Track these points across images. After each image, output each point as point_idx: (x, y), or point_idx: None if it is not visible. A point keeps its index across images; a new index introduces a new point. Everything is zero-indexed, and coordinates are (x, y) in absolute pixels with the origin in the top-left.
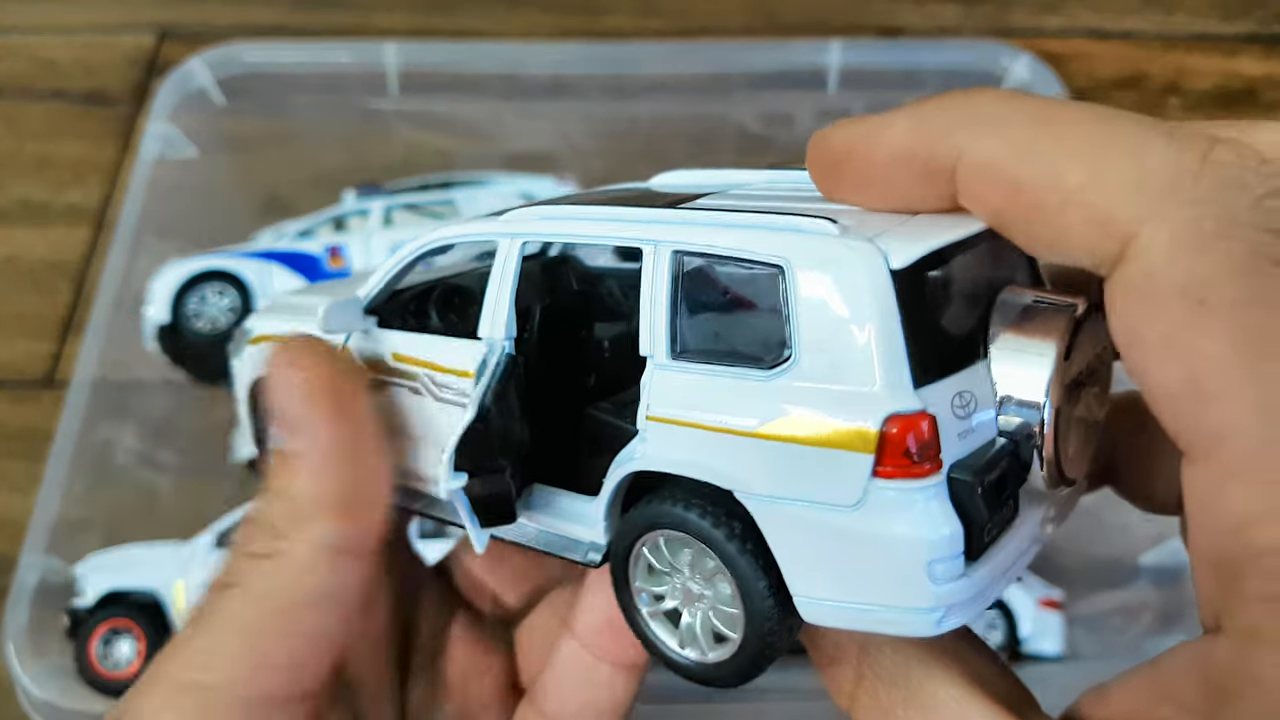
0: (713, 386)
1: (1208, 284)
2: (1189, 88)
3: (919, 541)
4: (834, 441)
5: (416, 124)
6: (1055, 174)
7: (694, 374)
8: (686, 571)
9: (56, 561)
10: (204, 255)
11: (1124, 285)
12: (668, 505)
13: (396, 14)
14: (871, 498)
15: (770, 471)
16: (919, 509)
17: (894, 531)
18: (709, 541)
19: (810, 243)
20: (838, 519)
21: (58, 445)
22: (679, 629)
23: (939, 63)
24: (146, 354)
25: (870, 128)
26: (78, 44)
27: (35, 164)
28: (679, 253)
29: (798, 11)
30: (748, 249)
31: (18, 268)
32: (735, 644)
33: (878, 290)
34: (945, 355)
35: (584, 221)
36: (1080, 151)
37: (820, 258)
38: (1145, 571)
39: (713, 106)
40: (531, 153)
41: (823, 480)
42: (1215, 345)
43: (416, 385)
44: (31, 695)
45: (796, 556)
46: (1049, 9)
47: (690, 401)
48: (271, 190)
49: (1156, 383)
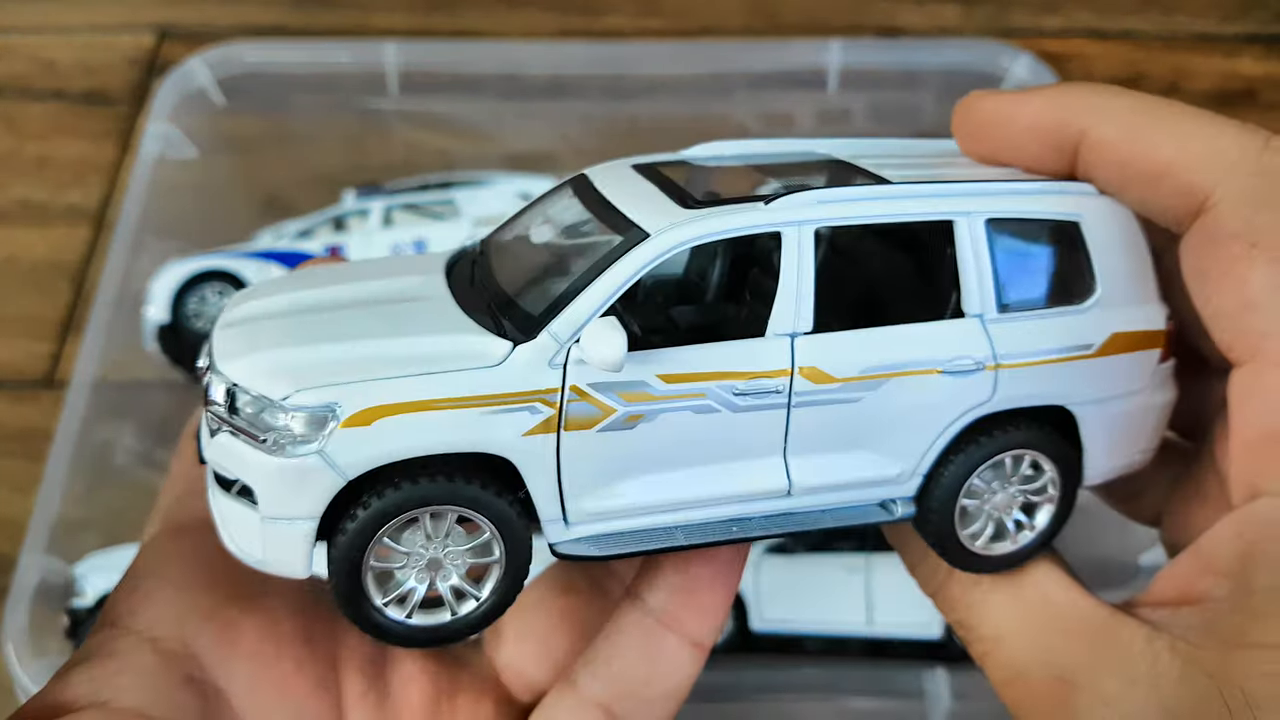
0: (1044, 328)
1: (1260, 232)
2: (1189, 88)
3: (1171, 401)
4: (1144, 343)
5: (416, 124)
6: (1153, 151)
7: (1025, 321)
8: (1004, 492)
9: (56, 561)
10: (204, 255)
11: (1198, 235)
12: (1009, 434)
13: (396, 14)
14: (1158, 379)
15: (1102, 380)
16: (1172, 380)
17: (1166, 398)
18: (1049, 449)
19: (1091, 201)
20: (1137, 400)
21: (57, 445)
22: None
23: (939, 63)
24: (146, 354)
25: (1011, 101)
26: (78, 44)
27: (35, 164)
28: (992, 220)
29: (798, 11)
30: (1049, 210)
31: (18, 268)
32: (1049, 514)
33: (1138, 232)
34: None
35: (876, 201)
36: (1173, 135)
37: (1103, 212)
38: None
39: (713, 106)
40: (531, 153)
41: (1135, 375)
42: (1262, 273)
43: (705, 402)
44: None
45: (1105, 437)
46: (1049, 9)
47: (1030, 345)
48: (271, 190)
49: (1216, 306)
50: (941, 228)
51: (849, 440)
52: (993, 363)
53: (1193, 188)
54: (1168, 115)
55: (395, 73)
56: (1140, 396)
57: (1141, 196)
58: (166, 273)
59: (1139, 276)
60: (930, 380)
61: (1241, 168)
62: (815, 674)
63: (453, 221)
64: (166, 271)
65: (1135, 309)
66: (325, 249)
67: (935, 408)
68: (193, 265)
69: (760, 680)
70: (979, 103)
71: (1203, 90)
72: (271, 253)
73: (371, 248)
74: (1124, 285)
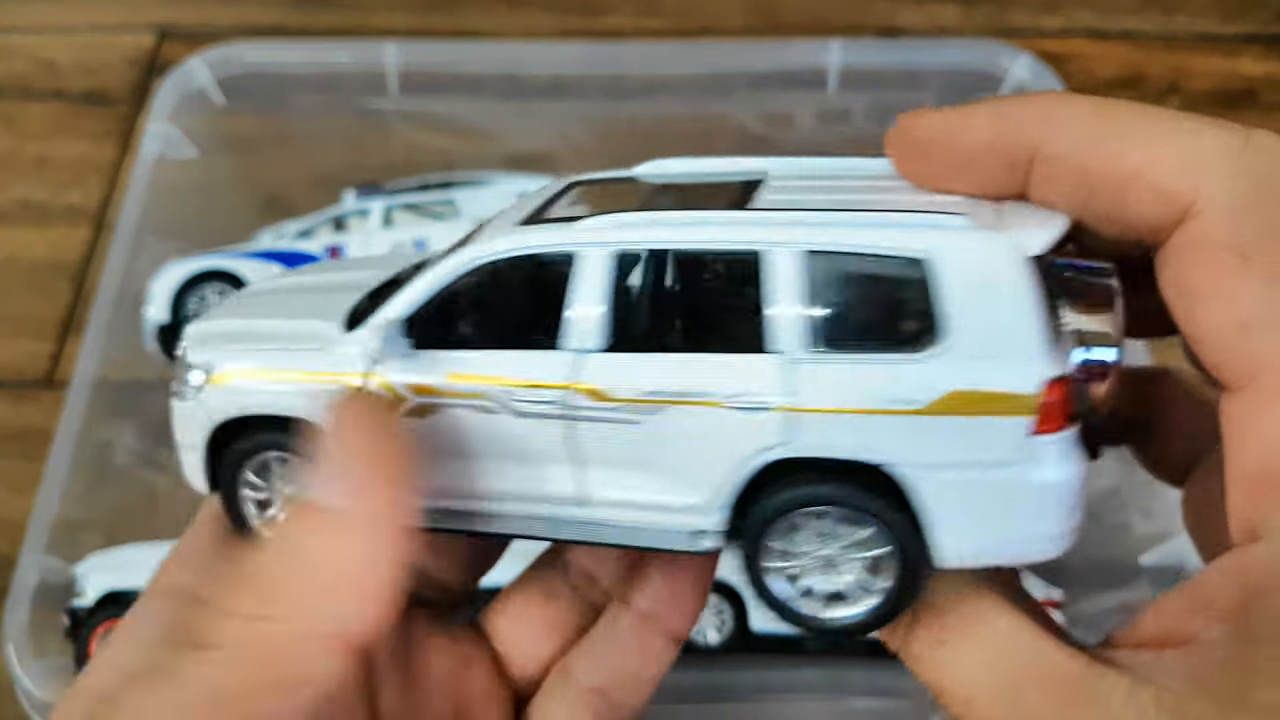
0: (862, 375)
1: (1252, 240)
2: (1189, 88)
3: (1066, 482)
4: (995, 407)
5: (416, 124)
6: (1120, 157)
7: (840, 365)
8: (818, 544)
9: (56, 561)
10: (204, 255)
11: (1180, 245)
12: (816, 487)
13: (396, 14)
14: (1029, 452)
15: (933, 443)
16: (1067, 456)
17: (1048, 476)
18: (868, 510)
19: (953, 238)
20: (995, 474)
21: (57, 445)
22: (829, 593)
23: (939, 63)
24: (146, 354)
25: (954, 118)
26: (78, 44)
27: (35, 164)
28: (814, 253)
29: (798, 11)
30: (889, 245)
31: (18, 268)
32: (882, 594)
33: (1020, 274)
34: (1052, 325)
35: (680, 228)
36: (1141, 138)
37: (972, 251)
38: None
39: (713, 106)
40: (531, 153)
41: (984, 443)
42: (1257, 289)
43: (488, 404)
44: (31, 695)
45: (949, 512)
46: (1049, 9)
47: (841, 390)
48: (271, 190)
49: (1205, 326)
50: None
51: (640, 461)
52: (786, 404)
53: (1170, 194)
54: (1133, 117)
55: (395, 73)
56: (1005, 471)
57: (1107, 209)
58: (166, 273)
59: (1012, 329)
60: (712, 413)
61: (1223, 168)
62: (815, 674)
63: (453, 221)
64: (166, 271)
65: (995, 366)
66: (325, 249)
67: (720, 442)
68: (193, 265)
69: (760, 680)
70: (917, 121)
71: (1203, 90)
72: (271, 253)
73: (371, 248)
74: (986, 337)
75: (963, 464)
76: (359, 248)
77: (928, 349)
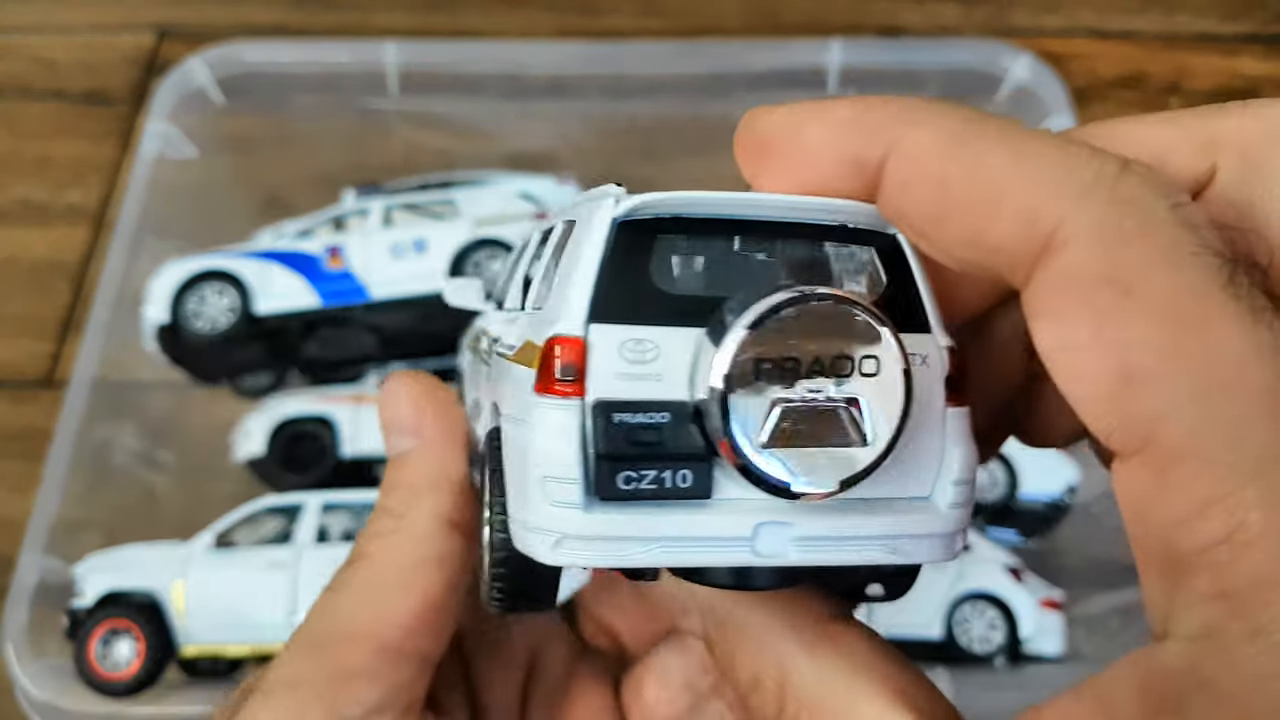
0: (509, 322)
1: (1133, 274)
2: (1190, 87)
3: (539, 451)
4: (521, 359)
5: (416, 124)
6: (983, 169)
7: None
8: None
9: (56, 562)
10: (203, 255)
11: (1048, 282)
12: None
13: (396, 13)
14: (531, 412)
15: (507, 391)
16: (548, 422)
17: (530, 441)
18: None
19: (588, 204)
20: (512, 430)
21: (57, 445)
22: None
23: (939, 62)
24: (146, 354)
25: (807, 110)
26: (77, 44)
27: (35, 164)
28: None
29: (798, 11)
30: (574, 214)
31: (17, 268)
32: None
33: (594, 237)
34: (650, 309)
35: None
36: (1009, 151)
37: (583, 213)
38: None
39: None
40: (531, 152)
41: (518, 396)
42: (1144, 331)
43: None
44: (31, 695)
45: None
46: (1049, 8)
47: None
48: (271, 190)
49: (1083, 383)
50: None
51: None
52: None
53: (1035, 215)
54: (1000, 130)
55: (395, 72)
56: (518, 429)
57: (965, 231)
58: (166, 272)
59: (562, 288)
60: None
61: (1097, 193)
62: None
63: (453, 221)
64: (166, 271)
65: (541, 319)
66: (325, 249)
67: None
68: (192, 265)
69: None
70: (761, 118)
71: (1204, 90)
72: (271, 253)
73: (371, 247)
74: (559, 294)
75: (513, 417)
76: (359, 247)
77: (542, 307)
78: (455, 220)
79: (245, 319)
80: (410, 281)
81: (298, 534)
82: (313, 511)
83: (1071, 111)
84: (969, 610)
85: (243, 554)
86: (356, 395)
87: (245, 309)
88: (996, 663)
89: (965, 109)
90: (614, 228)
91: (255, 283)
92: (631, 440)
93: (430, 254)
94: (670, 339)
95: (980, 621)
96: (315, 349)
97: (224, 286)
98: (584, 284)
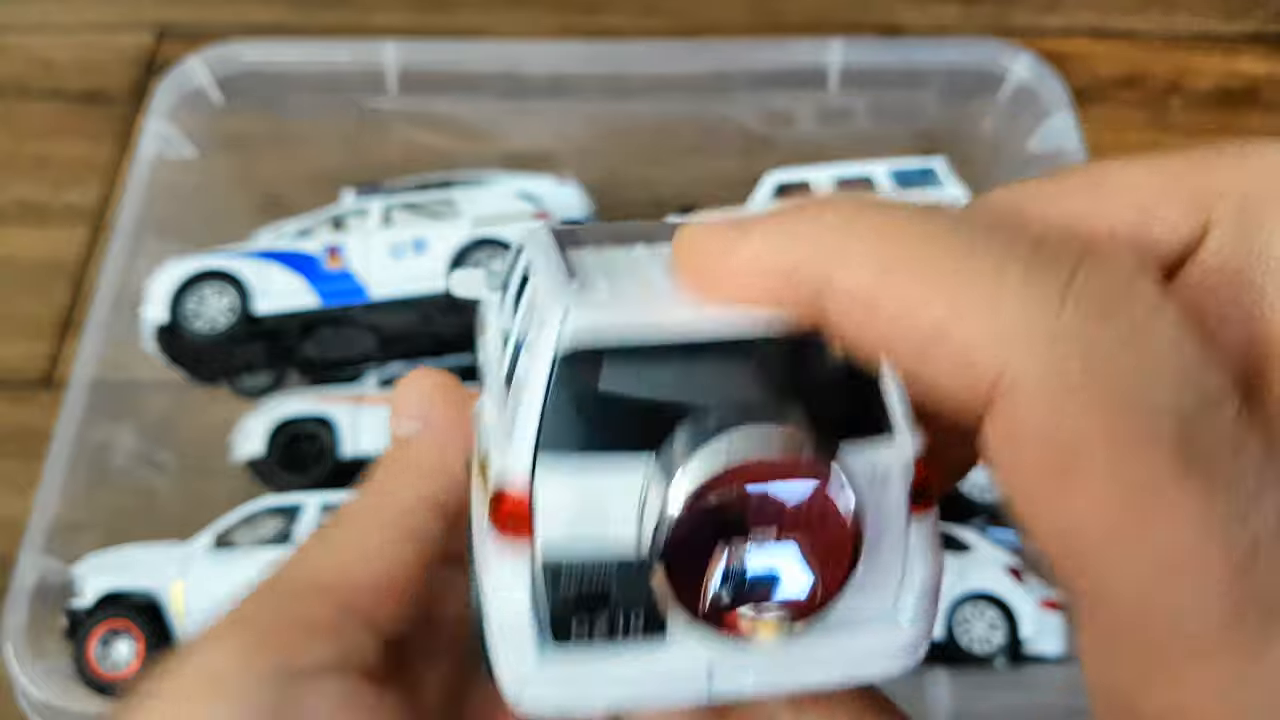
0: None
1: (1077, 433)
2: (1190, 87)
3: (493, 598)
4: (482, 473)
5: (416, 123)
6: (921, 308)
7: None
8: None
9: (55, 562)
10: (203, 255)
11: (996, 432)
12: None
13: (396, 13)
14: (486, 542)
15: (476, 494)
16: (501, 571)
17: (485, 579)
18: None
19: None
20: (475, 539)
21: (56, 445)
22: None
23: (939, 61)
24: (145, 354)
25: (725, 236)
26: (76, 43)
27: (34, 164)
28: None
29: (798, 10)
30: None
31: (16, 268)
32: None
33: (539, 366)
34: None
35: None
36: (942, 284)
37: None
38: None
39: (713, 106)
40: (531, 152)
41: (479, 506)
42: (1086, 502)
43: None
44: (30, 695)
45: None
46: (1050, 8)
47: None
48: (271, 190)
49: (1039, 535)
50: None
51: None
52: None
53: (974, 364)
54: (934, 251)
55: (395, 72)
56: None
57: (910, 374)
58: (165, 273)
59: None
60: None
61: (1035, 332)
62: None
63: (453, 221)
64: (165, 271)
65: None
66: (325, 248)
67: None
68: (192, 265)
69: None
70: (691, 238)
71: (1204, 90)
72: (270, 253)
73: (371, 247)
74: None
75: (478, 521)
76: (358, 247)
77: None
78: (455, 220)
79: (244, 319)
80: (410, 281)
81: (297, 534)
82: (312, 512)
83: (1072, 111)
84: (969, 611)
85: (242, 554)
86: (356, 395)
87: (244, 309)
88: (997, 663)
89: (902, 217)
90: (555, 362)
91: (254, 282)
92: (583, 592)
93: (430, 254)
94: (621, 468)
95: (981, 622)
96: (315, 349)
97: (223, 286)
98: (529, 421)
